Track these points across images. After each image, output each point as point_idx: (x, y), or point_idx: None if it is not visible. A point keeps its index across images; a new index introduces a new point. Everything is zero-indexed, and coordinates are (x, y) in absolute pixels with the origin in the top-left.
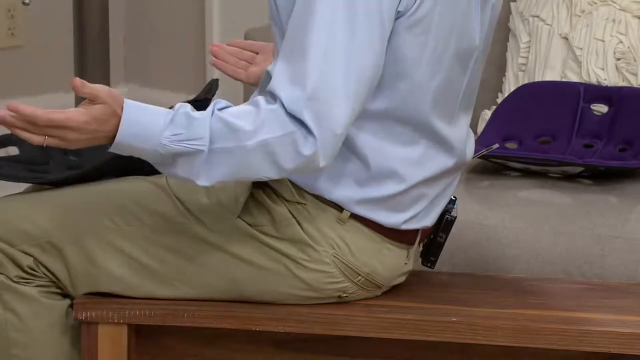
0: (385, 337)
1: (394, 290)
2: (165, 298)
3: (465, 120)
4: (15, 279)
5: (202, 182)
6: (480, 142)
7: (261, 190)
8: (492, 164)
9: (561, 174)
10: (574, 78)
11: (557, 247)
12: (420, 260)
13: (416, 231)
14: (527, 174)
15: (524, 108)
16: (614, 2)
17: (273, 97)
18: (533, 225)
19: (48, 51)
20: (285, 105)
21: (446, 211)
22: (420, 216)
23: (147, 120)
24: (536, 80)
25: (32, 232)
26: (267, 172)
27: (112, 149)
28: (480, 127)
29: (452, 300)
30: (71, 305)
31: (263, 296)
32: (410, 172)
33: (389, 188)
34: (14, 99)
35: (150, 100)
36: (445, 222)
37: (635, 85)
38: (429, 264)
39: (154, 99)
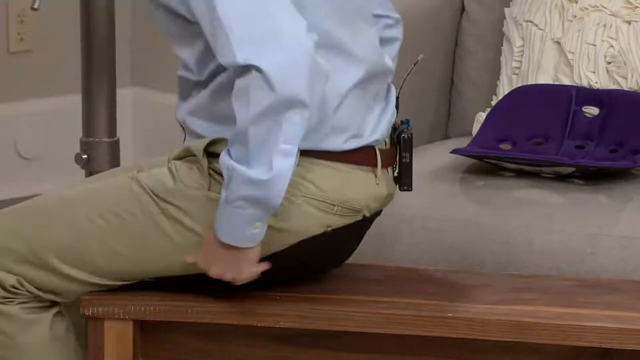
0: (383, 332)
1: (391, 287)
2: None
3: (371, 32)
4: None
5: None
6: (476, 143)
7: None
8: (487, 164)
9: (554, 174)
10: (566, 81)
11: (549, 245)
12: (397, 188)
13: (372, 151)
14: (520, 174)
15: (517, 110)
16: (605, 8)
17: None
18: (526, 223)
19: (56, 55)
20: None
21: (401, 132)
22: (359, 133)
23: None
24: (529, 83)
25: (14, 247)
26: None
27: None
28: (475, 129)
29: (448, 296)
30: (57, 314)
31: None
32: (328, 90)
33: (318, 113)
34: (24, 102)
35: (156, 103)
36: (403, 142)
37: (625, 88)
38: (405, 187)
39: (159, 102)
